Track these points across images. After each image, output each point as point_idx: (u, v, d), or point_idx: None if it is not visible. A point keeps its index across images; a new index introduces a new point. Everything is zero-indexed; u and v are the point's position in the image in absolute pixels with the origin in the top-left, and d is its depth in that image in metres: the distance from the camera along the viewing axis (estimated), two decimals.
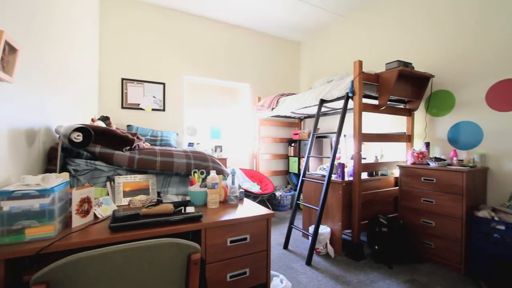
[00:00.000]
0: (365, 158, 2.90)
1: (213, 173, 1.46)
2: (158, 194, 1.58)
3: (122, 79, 3.41)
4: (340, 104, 2.74)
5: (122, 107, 3.41)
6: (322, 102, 2.76)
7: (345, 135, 3.19)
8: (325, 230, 2.48)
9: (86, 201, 1.13)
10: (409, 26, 2.99)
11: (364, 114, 2.44)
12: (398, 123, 3.03)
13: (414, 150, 2.56)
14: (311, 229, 2.46)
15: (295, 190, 4.13)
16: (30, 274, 0.88)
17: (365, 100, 2.51)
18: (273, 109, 3.70)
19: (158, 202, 1.40)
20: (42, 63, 1.49)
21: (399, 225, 2.36)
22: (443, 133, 2.64)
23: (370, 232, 2.43)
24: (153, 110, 3.60)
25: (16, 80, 1.14)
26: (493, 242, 1.94)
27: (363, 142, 2.49)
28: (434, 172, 2.28)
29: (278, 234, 2.96)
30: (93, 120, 2.38)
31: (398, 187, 2.60)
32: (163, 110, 3.66)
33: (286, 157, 4.58)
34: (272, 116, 4.00)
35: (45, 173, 1.29)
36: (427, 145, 2.63)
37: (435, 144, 2.70)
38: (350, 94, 2.40)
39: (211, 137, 4.00)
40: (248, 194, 3.46)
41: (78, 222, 1.08)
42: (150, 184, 1.54)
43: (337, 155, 2.60)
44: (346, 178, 2.51)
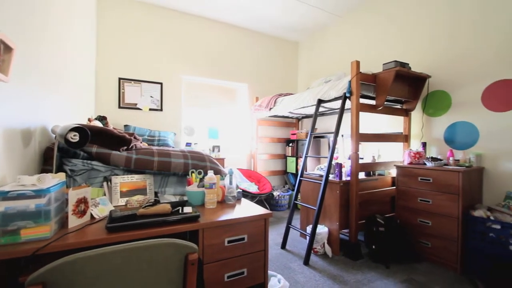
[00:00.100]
0: (362, 158, 2.91)
1: (210, 173, 1.46)
2: (156, 194, 1.57)
3: (119, 79, 3.40)
4: (337, 104, 2.75)
5: (119, 107, 3.40)
6: (320, 102, 2.77)
7: (342, 135, 3.20)
8: (322, 230, 2.48)
9: (82, 201, 1.12)
10: (406, 26, 3.01)
11: (361, 114, 2.45)
12: (395, 123, 3.05)
13: (411, 150, 2.57)
14: (309, 229, 2.47)
15: (293, 190, 4.14)
16: (26, 275, 0.87)
17: (362, 100, 2.52)
18: (271, 109, 3.70)
19: (156, 202, 1.40)
20: (39, 63, 1.48)
21: (396, 224, 2.38)
22: (440, 133, 2.65)
23: (368, 231, 2.44)
24: (150, 110, 3.58)
25: (11, 79, 1.13)
26: (489, 241, 1.96)
27: (361, 142, 2.50)
28: (430, 172, 2.29)
29: (276, 234, 2.96)
30: (89, 120, 2.37)
31: (395, 187, 2.62)
32: (161, 110, 3.65)
33: (284, 157, 4.58)
34: (270, 116, 4.00)
35: (41, 173, 1.28)
36: (424, 145, 2.65)
37: (432, 144, 2.72)
38: (347, 94, 2.41)
39: (209, 137, 3.99)
40: (246, 194, 3.46)
41: (74, 222, 1.08)
42: (147, 184, 1.54)
43: (334, 155, 2.61)
44: (344, 178, 2.52)
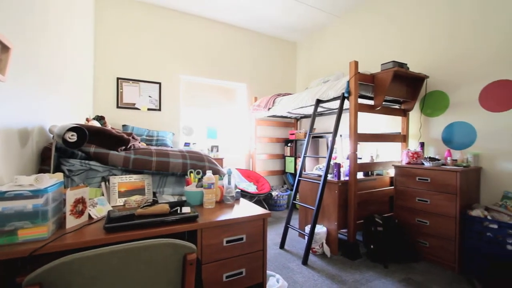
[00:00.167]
0: (360, 158, 2.92)
1: (209, 173, 1.46)
2: (154, 194, 1.57)
3: (118, 79, 3.38)
4: (336, 104, 2.75)
5: (118, 107, 3.39)
6: (318, 102, 2.78)
7: (341, 135, 3.20)
8: (321, 229, 2.49)
9: (80, 201, 1.12)
10: (404, 27, 3.02)
11: (359, 114, 2.45)
12: (393, 123, 3.06)
13: (409, 150, 2.58)
14: (307, 228, 2.47)
15: (292, 190, 4.14)
16: (23, 275, 0.86)
17: (360, 100, 2.52)
18: (269, 109, 3.70)
19: (154, 202, 1.39)
20: (36, 62, 1.47)
21: (394, 224, 2.38)
22: (438, 133, 2.67)
23: (366, 231, 2.44)
24: (149, 109, 3.57)
25: (8, 79, 1.12)
26: (486, 240, 1.97)
27: (359, 142, 2.50)
28: (428, 172, 2.30)
29: (275, 234, 2.96)
30: (87, 119, 2.36)
31: (393, 187, 2.62)
32: (159, 109, 3.64)
33: (283, 157, 4.59)
34: (268, 116, 4.00)
35: (38, 173, 1.28)
36: (422, 145, 2.66)
37: (430, 144, 2.73)
38: (346, 95, 2.42)
39: (208, 137, 3.99)
40: (244, 194, 3.46)
41: (72, 222, 1.07)
42: (145, 184, 1.53)
43: (333, 155, 2.61)
44: (342, 178, 2.53)
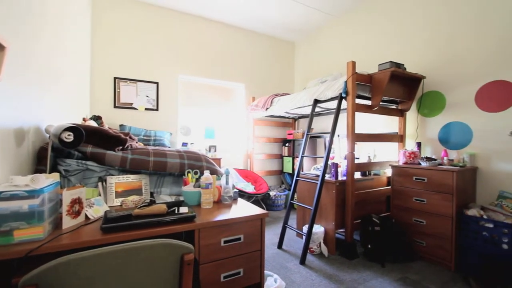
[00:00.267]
0: (358, 158, 2.93)
1: (207, 173, 1.45)
2: (151, 194, 1.56)
3: (115, 78, 3.37)
4: (333, 104, 2.76)
5: (115, 107, 3.37)
6: (316, 102, 2.78)
7: (338, 135, 3.22)
8: (318, 229, 2.50)
9: (77, 201, 1.11)
10: (401, 27, 3.03)
11: (357, 115, 2.46)
12: (391, 124, 3.07)
13: (406, 150, 2.60)
14: (305, 228, 2.48)
15: (289, 190, 4.15)
16: (19, 276, 0.86)
17: (358, 100, 2.53)
18: (267, 109, 3.70)
19: (151, 202, 1.39)
20: (33, 62, 1.46)
21: (392, 224, 2.40)
22: (434, 133, 2.68)
23: (363, 231, 2.45)
24: (146, 109, 3.56)
25: (4, 78, 1.11)
26: (482, 239, 1.99)
27: (356, 142, 2.51)
28: (425, 171, 2.32)
29: (273, 234, 2.96)
30: (84, 119, 2.35)
31: (390, 187, 2.64)
32: (157, 109, 3.63)
33: (280, 157, 4.59)
34: (266, 116, 4.01)
35: (34, 173, 1.27)
36: (419, 145, 2.68)
37: (427, 144, 2.74)
38: (343, 95, 2.42)
39: (205, 137, 3.98)
40: (242, 194, 3.46)
41: (68, 223, 1.07)
42: (143, 184, 1.53)
43: (330, 155, 2.62)
44: (340, 178, 2.53)
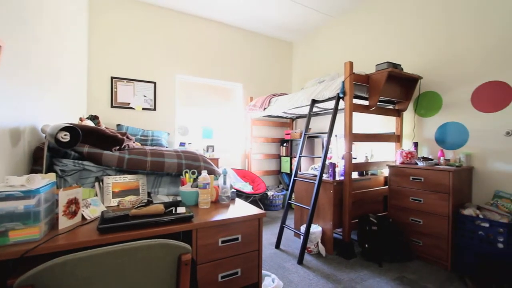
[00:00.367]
0: (355, 158, 2.94)
1: (204, 173, 1.45)
2: (149, 194, 1.56)
3: (112, 78, 3.35)
4: (331, 104, 2.77)
5: (112, 106, 3.35)
6: (314, 102, 2.79)
7: (336, 135, 3.23)
8: (316, 229, 2.50)
9: (73, 202, 1.10)
10: (398, 28, 3.04)
11: (354, 115, 2.47)
12: (388, 124, 3.09)
13: (403, 150, 2.61)
14: (303, 228, 2.48)
15: (287, 190, 4.15)
16: (14, 277, 0.85)
17: (355, 100, 2.54)
18: (265, 109, 3.70)
19: (149, 202, 1.38)
20: (29, 61, 1.44)
21: (389, 223, 2.41)
22: (431, 133, 2.70)
23: (361, 230, 2.46)
24: (143, 109, 3.54)
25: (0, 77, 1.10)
26: (478, 239, 2.00)
27: (354, 142, 2.52)
28: (422, 171, 2.33)
29: (270, 233, 2.96)
30: (81, 119, 2.33)
31: (387, 186, 2.65)
32: (154, 109, 3.62)
33: (278, 157, 4.59)
34: (264, 116, 4.01)
35: (30, 173, 1.26)
36: (416, 145, 2.70)
37: (423, 144, 2.76)
38: (341, 95, 2.43)
39: (203, 137, 3.97)
40: (240, 194, 3.46)
41: (65, 223, 1.06)
42: (140, 184, 1.52)
43: (328, 155, 2.63)
44: (337, 178, 2.54)
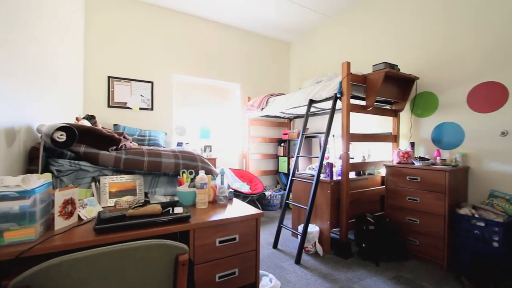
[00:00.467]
0: (353, 158, 2.95)
1: (202, 173, 1.45)
2: (146, 194, 1.55)
3: (109, 77, 3.33)
4: (328, 104, 2.77)
5: (109, 106, 3.33)
6: (311, 102, 2.79)
7: (333, 135, 3.23)
8: (314, 229, 2.51)
9: (69, 202, 1.09)
10: (396, 29, 3.06)
11: (352, 115, 2.48)
12: (385, 124, 3.10)
13: (399, 150, 2.62)
14: (300, 228, 2.49)
15: (285, 190, 4.16)
16: (9, 279, 0.84)
17: (353, 101, 2.55)
18: (262, 109, 3.70)
19: (146, 202, 1.38)
20: (24, 60, 1.43)
21: (386, 223, 2.42)
22: (427, 133, 2.72)
23: (358, 230, 2.47)
24: (140, 109, 3.53)
25: None
26: (473, 238, 2.02)
27: (351, 142, 2.53)
28: (418, 171, 2.35)
29: (268, 233, 2.96)
30: (77, 119, 2.31)
31: (384, 186, 2.66)
32: (151, 109, 3.60)
33: (276, 157, 4.60)
34: (261, 116, 4.01)
35: (26, 173, 1.25)
36: (412, 145, 2.71)
37: (420, 144, 2.78)
38: (338, 95, 2.44)
39: (201, 137, 3.96)
40: (237, 194, 3.46)
41: (61, 224, 1.05)
42: (137, 184, 1.51)
43: (325, 155, 2.63)
44: (335, 178, 2.55)
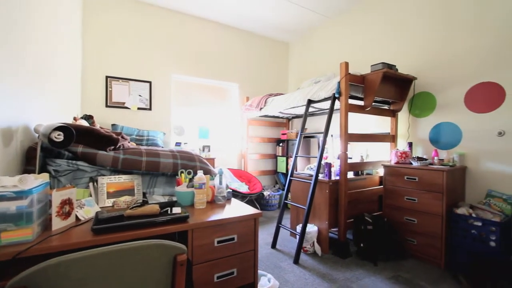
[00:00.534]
0: (351, 158, 2.96)
1: (200, 173, 1.44)
2: (144, 194, 1.55)
3: (107, 77, 3.32)
4: (327, 104, 2.78)
5: (107, 106, 3.32)
6: (310, 102, 2.80)
7: (332, 135, 3.24)
8: (312, 229, 2.51)
9: (67, 202, 1.09)
10: (394, 29, 3.07)
11: (350, 115, 2.49)
12: (383, 124, 3.11)
13: (397, 150, 2.63)
14: (299, 228, 2.49)
15: (283, 190, 4.16)
16: (6, 280, 0.83)
17: (351, 101, 2.56)
18: (261, 109, 3.70)
19: (144, 203, 1.37)
20: (22, 60, 1.42)
21: (384, 223, 2.43)
22: (425, 133, 2.73)
23: (356, 230, 2.48)
24: (139, 109, 3.52)
25: None
26: (470, 238, 2.03)
27: (349, 142, 2.54)
28: (416, 171, 2.36)
29: (266, 233, 2.97)
30: (75, 118, 2.30)
31: (382, 186, 2.67)
32: (150, 109, 3.59)
33: (274, 156, 4.60)
34: (260, 116, 4.01)
35: (23, 174, 1.24)
36: (410, 145, 2.72)
37: (418, 144, 2.79)
38: (336, 95, 2.44)
39: (199, 137, 3.96)
40: (236, 194, 3.46)
41: (58, 224, 1.04)
42: (135, 184, 1.51)
43: (324, 155, 2.64)
44: (333, 178, 2.55)
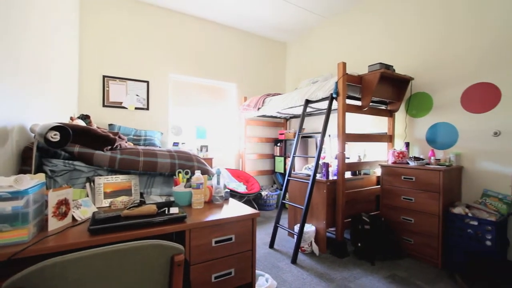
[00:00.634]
0: (348, 158, 2.97)
1: (198, 173, 1.44)
2: (141, 195, 1.54)
3: (104, 76, 3.30)
4: (324, 104, 2.79)
5: (104, 105, 3.30)
6: (307, 102, 2.80)
7: (329, 135, 3.25)
8: (310, 228, 2.52)
9: (63, 203, 1.08)
10: (392, 30, 3.09)
11: (347, 115, 2.49)
12: (380, 124, 3.13)
13: (395, 149, 2.65)
14: (297, 228, 2.49)
15: (281, 190, 4.17)
16: (1, 281, 0.83)
17: (348, 101, 2.56)
18: (259, 109, 3.70)
19: (141, 203, 1.37)
20: (18, 59, 1.41)
21: (381, 222, 2.44)
22: (422, 133, 2.75)
23: (353, 229, 2.49)
24: (136, 108, 3.50)
25: None
26: (467, 237, 2.05)
27: (347, 142, 2.54)
28: (413, 171, 2.37)
29: (264, 233, 2.97)
30: (72, 118, 2.29)
31: (380, 186, 2.68)
32: (147, 109, 3.58)
33: (272, 156, 4.60)
34: (258, 116, 4.01)
35: (19, 174, 1.23)
36: (407, 145, 2.74)
37: (415, 144, 2.81)
38: (334, 95, 2.45)
39: (197, 136, 3.95)
40: (234, 194, 3.45)
41: (54, 225, 1.04)
42: (132, 184, 1.50)
43: (321, 155, 2.65)
44: (331, 177, 2.56)
